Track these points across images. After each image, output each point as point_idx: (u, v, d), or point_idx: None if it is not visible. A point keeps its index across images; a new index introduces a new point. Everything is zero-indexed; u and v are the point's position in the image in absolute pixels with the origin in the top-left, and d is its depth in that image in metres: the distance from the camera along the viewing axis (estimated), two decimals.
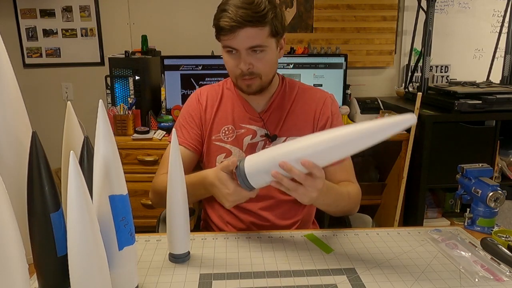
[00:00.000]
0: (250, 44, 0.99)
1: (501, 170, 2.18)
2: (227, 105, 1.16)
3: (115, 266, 0.68)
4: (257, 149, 1.12)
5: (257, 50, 1.00)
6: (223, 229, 1.15)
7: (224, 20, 0.97)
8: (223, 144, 1.13)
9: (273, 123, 1.13)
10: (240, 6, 0.96)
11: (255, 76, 1.04)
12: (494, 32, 2.64)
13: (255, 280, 0.78)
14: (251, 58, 1.01)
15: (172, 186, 0.80)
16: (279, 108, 1.14)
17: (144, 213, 2.15)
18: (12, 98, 0.76)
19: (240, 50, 1.00)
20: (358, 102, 2.47)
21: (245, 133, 1.12)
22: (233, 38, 0.98)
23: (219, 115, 1.15)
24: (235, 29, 0.97)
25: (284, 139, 1.12)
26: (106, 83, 2.29)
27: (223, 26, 0.97)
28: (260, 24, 0.97)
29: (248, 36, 0.98)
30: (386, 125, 0.73)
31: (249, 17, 0.95)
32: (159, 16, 2.57)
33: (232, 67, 1.04)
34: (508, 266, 0.81)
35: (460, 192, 1.05)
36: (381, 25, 2.64)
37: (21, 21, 2.53)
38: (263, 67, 1.03)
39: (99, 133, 0.65)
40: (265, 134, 1.12)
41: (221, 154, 1.13)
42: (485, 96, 2.02)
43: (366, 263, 0.84)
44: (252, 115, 1.14)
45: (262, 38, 0.99)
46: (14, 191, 0.69)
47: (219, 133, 1.14)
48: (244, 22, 0.95)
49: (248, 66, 1.02)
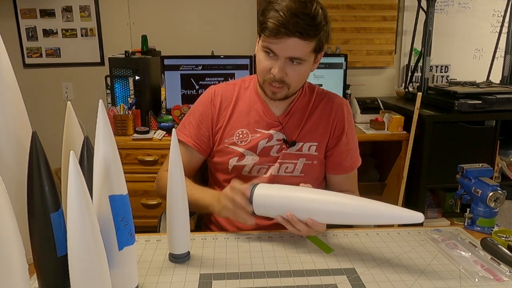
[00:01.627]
0: (293, 54, 0.95)
1: (501, 170, 2.18)
2: (243, 107, 1.12)
3: (115, 266, 0.68)
4: (271, 153, 1.10)
5: (295, 61, 0.97)
6: (225, 229, 1.15)
7: (274, 22, 0.91)
8: (236, 147, 1.11)
9: (292, 127, 1.11)
10: (295, 13, 0.90)
11: (284, 85, 1.01)
12: (494, 32, 2.64)
13: (255, 280, 0.78)
14: (287, 68, 0.98)
15: (172, 186, 0.80)
16: (299, 112, 1.12)
17: (144, 213, 2.15)
18: (12, 98, 0.75)
19: (280, 56, 0.96)
20: (358, 102, 2.47)
21: (260, 137, 1.10)
22: (277, 43, 0.94)
23: (234, 118, 1.12)
24: (283, 36, 0.92)
25: (301, 145, 1.11)
26: (106, 83, 2.29)
27: (271, 28, 0.92)
28: (309, 38, 0.93)
29: (293, 47, 0.94)
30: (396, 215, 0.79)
31: (301, 29, 0.91)
32: (159, 16, 2.57)
33: (265, 69, 1.00)
34: (508, 266, 0.81)
35: (460, 192, 1.05)
36: (381, 25, 2.64)
37: (21, 21, 2.53)
38: (295, 79, 1.01)
39: (99, 133, 0.65)
40: (282, 139, 1.10)
41: (234, 157, 1.11)
42: (485, 96, 2.02)
43: (366, 263, 0.84)
44: (271, 119, 1.11)
45: (306, 51, 0.96)
46: (14, 191, 0.69)
47: (233, 137, 1.11)
48: (294, 32, 0.91)
49: (282, 74, 0.98)
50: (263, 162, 1.11)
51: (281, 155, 1.10)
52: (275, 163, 1.11)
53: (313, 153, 1.11)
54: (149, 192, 2.16)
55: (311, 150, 1.11)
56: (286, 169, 1.11)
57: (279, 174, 1.11)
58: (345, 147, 1.14)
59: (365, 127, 2.34)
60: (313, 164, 1.12)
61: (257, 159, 1.10)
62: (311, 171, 1.12)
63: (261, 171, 1.11)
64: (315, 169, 1.13)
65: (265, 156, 1.11)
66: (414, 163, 2.14)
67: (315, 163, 1.12)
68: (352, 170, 1.16)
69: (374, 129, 2.26)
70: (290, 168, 1.11)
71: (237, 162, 1.11)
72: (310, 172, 1.12)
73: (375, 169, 2.56)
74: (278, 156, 1.10)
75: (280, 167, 1.11)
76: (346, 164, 1.14)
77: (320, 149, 1.12)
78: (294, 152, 1.10)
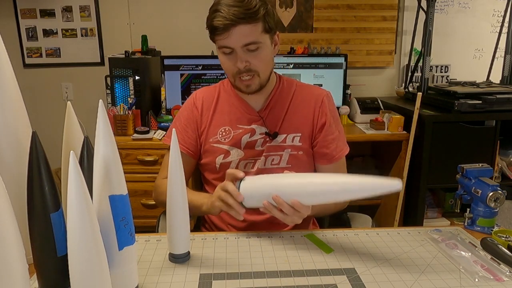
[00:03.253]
0: (245, 41, 1.00)
1: (501, 170, 2.18)
2: (224, 107, 1.16)
3: (115, 266, 0.68)
4: (256, 147, 1.12)
5: (253, 47, 1.01)
6: (223, 229, 1.15)
7: (218, 20, 0.98)
8: (221, 145, 1.13)
9: (273, 120, 1.13)
10: (232, 4, 0.97)
11: (253, 74, 1.05)
12: (494, 32, 2.64)
13: (255, 280, 0.78)
14: (247, 56, 1.02)
15: (172, 186, 0.81)
16: (278, 106, 1.14)
17: (144, 213, 2.15)
18: (12, 98, 0.76)
19: (236, 49, 1.01)
20: (358, 102, 2.47)
21: (242, 133, 1.13)
22: (228, 36, 0.99)
23: (216, 118, 1.15)
24: (229, 28, 0.98)
25: (285, 137, 1.12)
26: (106, 83, 2.29)
27: (217, 26, 0.98)
28: (252, 21, 0.99)
29: (242, 34, 0.99)
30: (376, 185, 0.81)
31: (242, 14, 0.97)
32: (159, 16, 2.57)
33: (229, 67, 1.05)
34: (508, 266, 0.81)
35: (460, 192, 1.05)
36: (381, 25, 2.64)
37: (21, 21, 2.53)
38: (260, 64, 1.04)
39: (99, 133, 0.65)
40: (264, 132, 1.12)
41: (220, 155, 1.13)
42: (485, 96, 2.02)
43: (366, 263, 0.84)
44: (251, 114, 1.14)
45: (256, 34, 1.00)
46: (14, 191, 0.69)
47: (216, 135, 1.14)
48: (237, 20, 0.97)
49: (245, 63, 1.02)
50: (249, 157, 1.13)
51: (265, 148, 1.12)
52: (261, 156, 1.12)
53: (297, 144, 1.13)
54: (149, 192, 2.15)
55: (295, 141, 1.13)
56: (272, 161, 1.13)
57: (266, 167, 1.12)
58: (330, 137, 1.15)
59: (365, 127, 2.34)
60: (299, 154, 1.13)
61: (243, 154, 1.13)
62: (298, 162, 1.14)
63: (248, 166, 1.13)
64: (302, 160, 1.14)
65: (250, 150, 1.13)
66: (414, 163, 2.14)
67: (301, 153, 1.13)
68: (339, 159, 1.16)
69: (374, 129, 2.26)
70: (276, 160, 1.13)
71: (223, 160, 1.13)
72: (297, 163, 1.13)
73: (375, 169, 2.56)
74: (263, 149, 1.12)
75: (266, 160, 1.12)
76: (332, 153, 1.15)
77: (304, 139, 1.13)
78: (278, 144, 1.12)
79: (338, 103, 2.46)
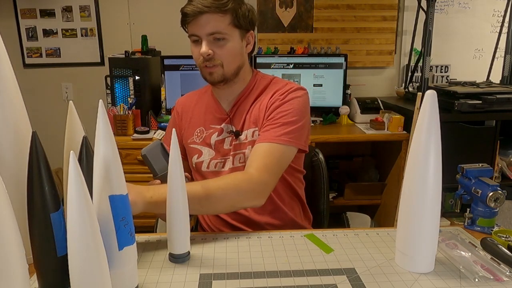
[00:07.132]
0: (210, 30, 1.02)
1: (501, 170, 2.18)
2: (201, 108, 1.19)
3: (115, 266, 0.68)
4: (225, 145, 1.14)
5: (219, 38, 1.03)
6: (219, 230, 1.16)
7: (188, 7, 1.02)
8: (195, 145, 1.16)
9: (238, 118, 1.14)
10: None
11: (216, 64, 1.06)
12: (494, 32, 2.64)
13: (255, 280, 0.78)
14: (212, 45, 1.04)
15: (172, 186, 0.80)
16: (244, 103, 1.14)
17: (144, 213, 2.15)
18: (12, 98, 0.75)
19: (202, 37, 1.03)
20: (358, 102, 2.47)
21: (212, 132, 1.15)
22: (195, 24, 1.03)
23: (194, 120, 1.19)
24: (197, 15, 1.01)
25: (246, 133, 1.11)
26: (106, 83, 2.29)
27: (186, 12, 1.02)
28: (219, 11, 1.01)
29: (208, 22, 1.02)
30: None
31: (210, 4, 1.00)
32: (159, 16, 2.57)
33: (196, 55, 1.08)
34: (508, 266, 0.81)
35: (460, 192, 1.05)
36: (381, 25, 2.64)
37: (21, 21, 2.54)
38: (224, 55, 1.05)
39: (99, 133, 0.65)
40: (230, 130, 1.14)
41: (195, 155, 1.16)
42: (485, 96, 2.02)
43: (366, 263, 0.84)
44: (221, 113, 1.16)
45: (222, 25, 1.03)
46: (14, 191, 0.69)
47: (193, 136, 1.17)
48: (205, 9, 1.00)
49: (208, 51, 1.04)
50: (219, 157, 1.14)
51: (233, 146, 1.13)
52: (229, 156, 1.13)
53: (256, 138, 1.10)
54: None
55: (255, 136, 1.10)
56: (239, 160, 1.13)
57: (235, 166, 1.12)
58: (267, 121, 1.08)
59: (365, 127, 2.34)
60: None
61: (214, 153, 1.14)
62: None
63: (218, 166, 1.14)
64: None
65: (219, 150, 1.14)
66: None
67: None
68: (259, 142, 1.06)
69: (374, 129, 2.26)
70: (242, 158, 1.12)
71: (197, 159, 1.16)
72: None
73: (375, 169, 2.56)
74: (230, 148, 1.13)
75: (234, 159, 1.13)
76: (260, 135, 1.08)
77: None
78: (242, 142, 1.12)
79: (338, 103, 2.47)
